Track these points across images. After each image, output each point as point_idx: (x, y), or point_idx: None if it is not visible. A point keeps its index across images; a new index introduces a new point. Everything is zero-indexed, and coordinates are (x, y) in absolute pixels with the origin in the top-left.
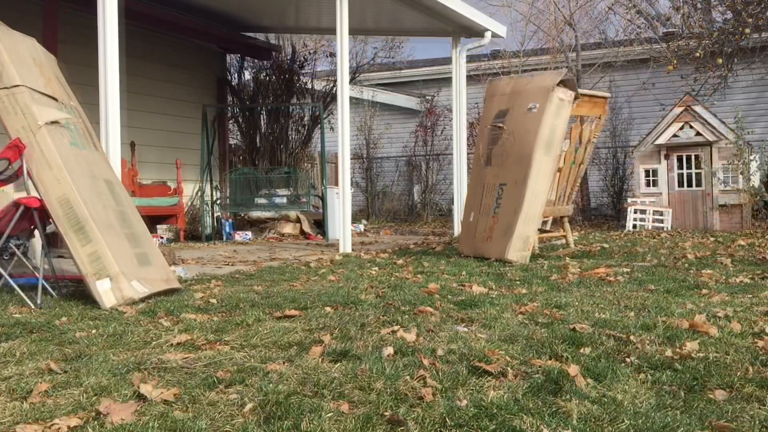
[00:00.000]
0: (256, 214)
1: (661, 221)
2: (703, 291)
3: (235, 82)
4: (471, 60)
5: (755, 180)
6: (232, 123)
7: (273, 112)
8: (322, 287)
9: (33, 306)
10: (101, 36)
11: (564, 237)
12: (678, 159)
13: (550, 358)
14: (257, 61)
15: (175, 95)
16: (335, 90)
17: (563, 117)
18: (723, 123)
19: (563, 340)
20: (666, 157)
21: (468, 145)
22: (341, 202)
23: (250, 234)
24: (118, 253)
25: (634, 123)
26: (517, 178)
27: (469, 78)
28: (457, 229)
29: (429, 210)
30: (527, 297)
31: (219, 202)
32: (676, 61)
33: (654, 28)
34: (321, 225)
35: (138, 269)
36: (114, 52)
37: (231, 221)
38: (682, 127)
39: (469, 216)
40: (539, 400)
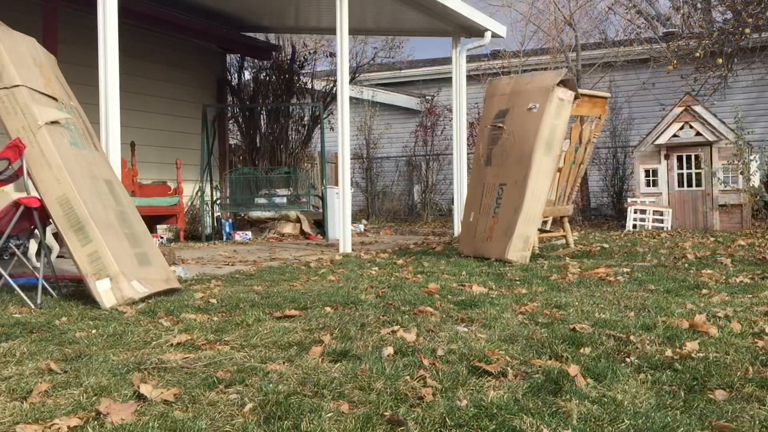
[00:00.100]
0: (256, 214)
1: (661, 221)
2: (703, 291)
3: (235, 82)
4: (471, 60)
5: (755, 180)
6: (232, 123)
7: (273, 112)
8: (322, 287)
9: (33, 306)
10: (101, 36)
11: (564, 237)
12: (678, 159)
13: (550, 358)
14: (257, 61)
15: (175, 95)
16: (335, 90)
17: (563, 117)
18: (723, 123)
19: (563, 340)
20: (666, 157)
21: (468, 145)
22: (341, 202)
23: (249, 234)
24: (118, 253)
25: (634, 123)
26: (517, 178)
27: (469, 78)
28: (457, 229)
29: (429, 210)
30: (527, 297)
31: (219, 202)
32: (676, 61)
33: (654, 28)
34: (321, 225)
35: (138, 269)
36: (114, 52)
37: (231, 221)
38: (682, 127)
39: (469, 216)
40: (539, 400)
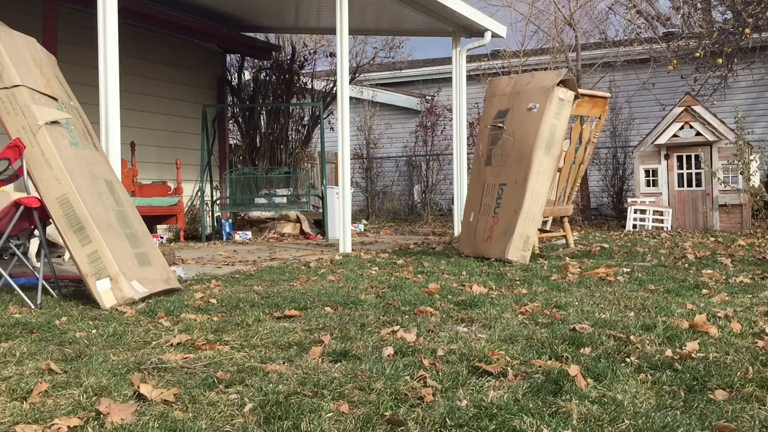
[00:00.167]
0: (255, 213)
1: (662, 221)
2: (704, 291)
3: (235, 82)
4: (471, 60)
5: (755, 180)
6: (232, 123)
7: (273, 111)
8: (321, 287)
9: (33, 306)
10: (101, 36)
11: (564, 237)
12: (678, 159)
13: (550, 358)
14: (257, 61)
15: (175, 95)
16: (335, 90)
17: (564, 117)
18: (723, 123)
19: (563, 340)
20: (666, 157)
21: (468, 145)
22: (341, 201)
23: (249, 234)
24: (117, 253)
25: (634, 123)
26: (518, 178)
27: (469, 78)
28: (458, 229)
29: (429, 210)
30: (527, 297)
31: (219, 201)
32: (676, 61)
33: (654, 28)
34: (321, 225)
35: (138, 269)
36: (114, 52)
37: (231, 221)
38: (682, 127)
39: (470, 216)
40: (539, 400)
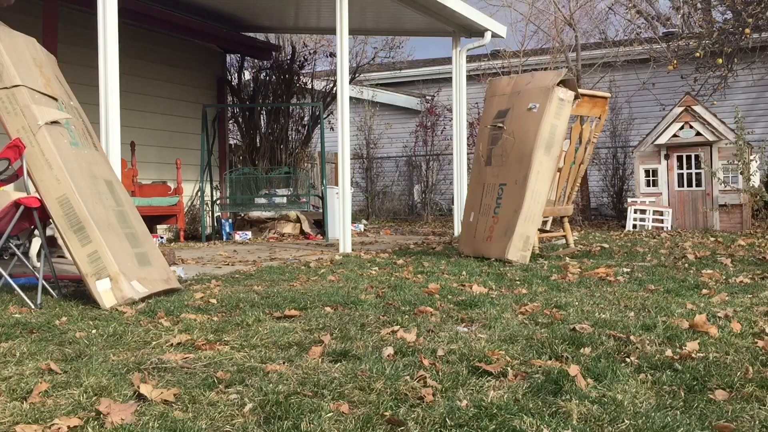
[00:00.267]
0: (255, 213)
1: (662, 221)
2: (703, 291)
3: (235, 82)
4: (471, 60)
5: (755, 180)
6: (232, 123)
7: (273, 111)
8: (321, 287)
9: (33, 306)
10: (101, 36)
11: (564, 237)
12: (678, 159)
13: (550, 358)
14: (257, 61)
15: (175, 95)
16: (335, 90)
17: (564, 117)
18: (723, 123)
19: (563, 340)
20: (666, 157)
21: (468, 145)
22: (341, 201)
23: (249, 234)
24: (117, 253)
25: (634, 123)
26: (518, 178)
27: (469, 78)
28: (458, 229)
29: (429, 210)
30: (528, 297)
31: (219, 201)
32: (676, 61)
33: (654, 28)
34: (321, 225)
35: (138, 269)
36: (114, 52)
37: (231, 221)
38: (682, 127)
39: (470, 216)
40: (539, 400)
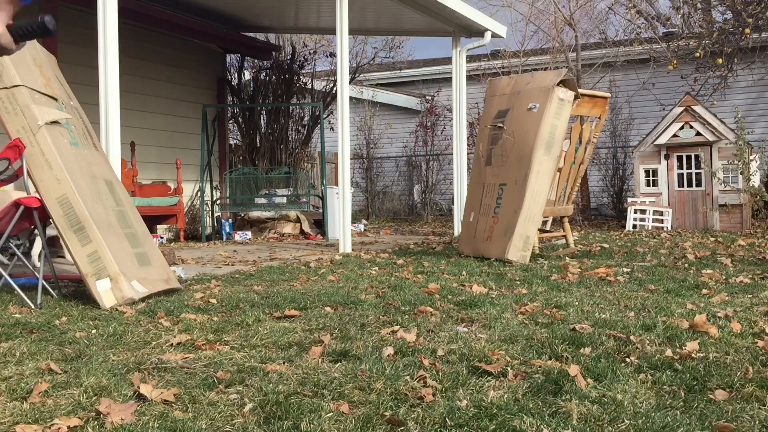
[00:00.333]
0: (255, 213)
1: (662, 221)
2: (703, 291)
3: (235, 82)
4: (471, 60)
5: (755, 180)
6: (232, 123)
7: (273, 111)
8: (321, 287)
9: (33, 306)
10: (101, 36)
11: (564, 237)
12: (678, 159)
13: (550, 358)
14: (257, 61)
15: (175, 95)
16: (335, 90)
17: (564, 117)
18: (723, 123)
19: (563, 340)
20: (666, 157)
21: (468, 145)
22: (341, 201)
23: (249, 234)
24: (117, 253)
25: (634, 123)
26: (518, 178)
27: (469, 78)
28: (458, 229)
29: (429, 210)
30: (528, 297)
31: (219, 201)
32: (676, 61)
33: (654, 28)
34: (321, 225)
35: (138, 269)
36: (114, 52)
37: (231, 221)
38: (682, 127)
39: (470, 216)
40: (539, 400)
